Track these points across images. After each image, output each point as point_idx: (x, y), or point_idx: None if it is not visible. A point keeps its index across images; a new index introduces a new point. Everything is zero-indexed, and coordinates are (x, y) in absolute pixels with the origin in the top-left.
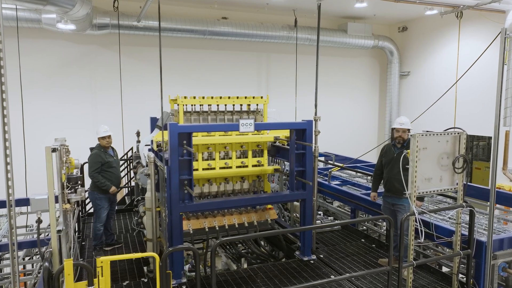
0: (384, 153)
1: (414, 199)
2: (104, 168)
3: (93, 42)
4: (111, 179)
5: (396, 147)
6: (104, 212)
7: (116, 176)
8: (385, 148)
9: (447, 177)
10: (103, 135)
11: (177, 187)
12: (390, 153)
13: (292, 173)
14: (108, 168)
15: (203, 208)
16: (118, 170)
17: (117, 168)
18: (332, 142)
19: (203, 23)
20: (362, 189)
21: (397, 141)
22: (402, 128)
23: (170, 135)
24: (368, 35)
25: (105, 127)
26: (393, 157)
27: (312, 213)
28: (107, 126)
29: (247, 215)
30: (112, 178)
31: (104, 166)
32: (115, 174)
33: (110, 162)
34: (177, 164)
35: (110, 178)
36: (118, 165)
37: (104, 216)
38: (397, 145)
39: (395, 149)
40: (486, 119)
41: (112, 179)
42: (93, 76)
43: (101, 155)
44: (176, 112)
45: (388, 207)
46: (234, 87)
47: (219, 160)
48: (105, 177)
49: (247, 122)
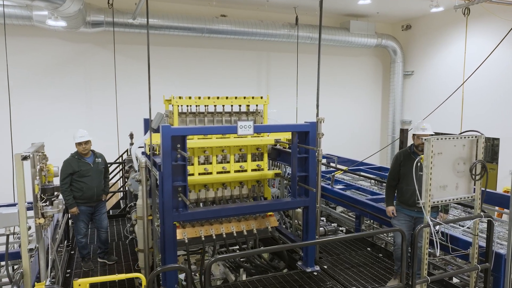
0: (402, 161)
1: (428, 209)
2: (75, 177)
3: (87, 40)
4: (81, 191)
5: (417, 155)
6: (81, 224)
7: (89, 187)
8: (402, 157)
9: (464, 184)
10: (79, 140)
11: (170, 195)
12: (411, 162)
13: (294, 178)
14: (80, 178)
15: (198, 217)
16: (96, 180)
17: (94, 178)
18: (333, 143)
19: (201, 21)
20: (367, 194)
21: (420, 148)
22: (425, 134)
23: (163, 138)
24: (371, 33)
25: (82, 132)
26: (416, 166)
27: (315, 222)
28: (86, 131)
29: (246, 222)
30: (83, 189)
31: (75, 175)
32: (88, 185)
33: (83, 171)
34: (170, 170)
35: (81, 190)
36: (98, 174)
37: (82, 228)
38: (419, 152)
39: (416, 156)
40: (494, 120)
41: (84, 191)
42: (88, 76)
43: (72, 163)
44: (171, 113)
45: (407, 221)
46: (233, 87)
47: (216, 164)
48: (76, 188)
49: (246, 124)
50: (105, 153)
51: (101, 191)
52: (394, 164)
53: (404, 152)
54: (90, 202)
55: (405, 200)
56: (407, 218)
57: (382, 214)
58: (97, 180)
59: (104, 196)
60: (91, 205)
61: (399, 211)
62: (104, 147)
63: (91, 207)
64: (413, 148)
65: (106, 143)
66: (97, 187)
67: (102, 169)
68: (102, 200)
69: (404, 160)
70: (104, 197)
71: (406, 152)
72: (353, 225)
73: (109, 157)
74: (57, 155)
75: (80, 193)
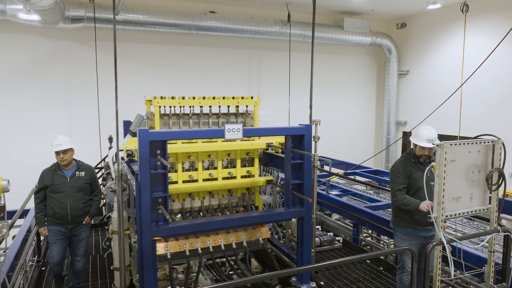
0: (409, 172)
1: (441, 224)
2: (48, 192)
3: (67, 37)
4: (52, 209)
5: (423, 164)
6: (54, 248)
7: (61, 206)
8: (409, 166)
9: (478, 195)
10: (56, 149)
11: (149, 207)
12: (420, 173)
13: (288, 186)
14: (52, 193)
15: (181, 231)
16: (71, 197)
17: (68, 195)
18: (326, 145)
19: (189, 17)
20: (365, 200)
21: (423, 159)
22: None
23: (140, 144)
24: (366, 31)
25: (60, 139)
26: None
27: (311, 234)
28: (66, 137)
29: (235, 234)
30: (54, 208)
31: (48, 190)
32: (60, 203)
33: (56, 185)
34: (149, 179)
35: (52, 208)
36: (75, 190)
37: (55, 256)
38: (423, 162)
39: (423, 166)
40: (494, 121)
41: (55, 210)
42: (68, 74)
43: (45, 175)
44: (152, 115)
45: (419, 244)
46: (223, 86)
47: (202, 171)
48: (48, 205)
49: (234, 127)
50: (87, 157)
51: (80, 212)
52: (402, 173)
53: (407, 162)
54: (64, 223)
55: (418, 219)
56: (419, 241)
57: (382, 223)
58: (73, 197)
59: (87, 219)
60: (65, 227)
61: (410, 234)
62: (86, 151)
63: (65, 228)
64: (413, 153)
65: (88, 146)
66: (72, 206)
67: (83, 185)
68: (83, 223)
69: (410, 171)
70: (87, 220)
71: (409, 162)
72: (350, 234)
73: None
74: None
75: (51, 212)
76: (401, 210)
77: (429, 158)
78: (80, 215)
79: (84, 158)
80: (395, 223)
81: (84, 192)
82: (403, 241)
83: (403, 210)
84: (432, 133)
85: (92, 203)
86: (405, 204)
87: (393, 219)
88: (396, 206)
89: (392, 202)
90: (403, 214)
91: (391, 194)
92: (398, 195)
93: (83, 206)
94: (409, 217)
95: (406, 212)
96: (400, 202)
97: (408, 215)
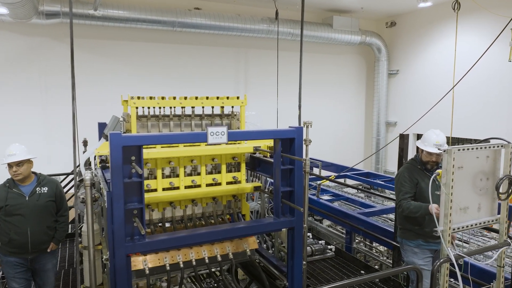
0: (415, 179)
1: (449, 238)
2: (2, 216)
3: (43, 33)
4: (7, 235)
5: (430, 171)
6: (13, 283)
7: (19, 232)
8: (415, 173)
9: (486, 204)
10: (8, 161)
11: (123, 220)
12: (427, 181)
13: (278, 194)
14: (7, 216)
15: (159, 246)
16: (33, 220)
17: (29, 218)
18: (315, 147)
19: (172, 13)
20: (357, 205)
21: (430, 166)
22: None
23: (112, 149)
24: (355, 30)
25: (13, 148)
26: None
27: (302, 245)
28: (23, 146)
29: (220, 245)
30: (10, 233)
31: (1, 212)
32: (17, 227)
33: (12, 206)
34: (122, 189)
35: (7, 234)
36: (37, 211)
37: None
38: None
39: (430, 173)
40: (486, 121)
41: (10, 236)
42: (44, 73)
43: None
44: (129, 116)
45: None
46: (209, 87)
47: (184, 177)
48: (3, 231)
49: (218, 131)
50: (65, 162)
51: (43, 238)
52: (410, 185)
53: (413, 169)
54: (22, 253)
55: (428, 232)
56: (431, 254)
57: (376, 231)
58: (34, 220)
59: (53, 245)
60: (24, 257)
61: (422, 247)
62: (64, 154)
63: (24, 260)
64: (419, 159)
65: (66, 150)
66: (33, 231)
67: (46, 203)
68: (48, 251)
69: (417, 178)
70: (53, 247)
71: (415, 169)
72: (342, 241)
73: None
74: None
75: (6, 239)
76: (409, 221)
77: (437, 164)
78: (43, 241)
79: (62, 162)
80: (403, 237)
81: (48, 213)
82: (414, 255)
83: (411, 221)
84: (440, 138)
85: (58, 225)
86: (412, 211)
87: (400, 232)
88: (402, 217)
89: (398, 213)
90: (411, 225)
91: (396, 204)
92: (403, 204)
93: (47, 230)
94: (418, 229)
95: (415, 223)
96: (407, 211)
97: (417, 227)
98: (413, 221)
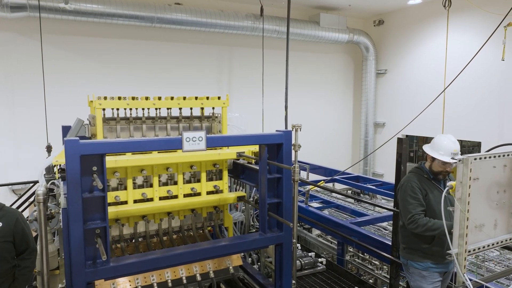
0: (424, 191)
1: (464, 263)
2: None
3: (9, 28)
4: None
5: (439, 182)
6: None
7: None
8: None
9: (503, 220)
10: None
11: (82, 242)
12: (437, 193)
13: (264, 206)
14: None
15: (126, 271)
16: None
17: None
18: (302, 149)
19: (151, 8)
20: (348, 212)
21: (442, 176)
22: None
23: (68, 159)
24: (343, 28)
25: None
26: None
27: (291, 263)
28: None
29: (200, 263)
30: None
31: None
32: None
33: None
34: (81, 206)
35: None
36: None
37: None
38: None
39: (439, 184)
40: (476, 122)
41: None
42: (10, 71)
43: None
44: (94, 119)
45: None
46: (191, 87)
47: (158, 187)
48: None
49: (195, 136)
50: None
51: None
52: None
53: (420, 179)
54: None
55: (437, 251)
56: (441, 278)
57: (371, 243)
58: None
59: None
60: None
61: (430, 272)
62: (32, 159)
63: None
64: (426, 169)
65: (34, 154)
66: None
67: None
68: None
69: (427, 190)
70: None
71: (422, 179)
72: (334, 253)
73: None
74: None
75: None
76: (415, 239)
77: (448, 174)
78: None
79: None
80: (409, 258)
81: (5, 255)
82: (422, 279)
83: (418, 239)
84: (457, 146)
85: (17, 272)
86: (431, 229)
87: (404, 252)
88: (409, 235)
89: (406, 230)
90: (418, 244)
91: (407, 220)
92: (419, 220)
93: (3, 279)
94: (427, 248)
95: (423, 241)
96: (423, 228)
97: (426, 245)
98: (420, 238)
